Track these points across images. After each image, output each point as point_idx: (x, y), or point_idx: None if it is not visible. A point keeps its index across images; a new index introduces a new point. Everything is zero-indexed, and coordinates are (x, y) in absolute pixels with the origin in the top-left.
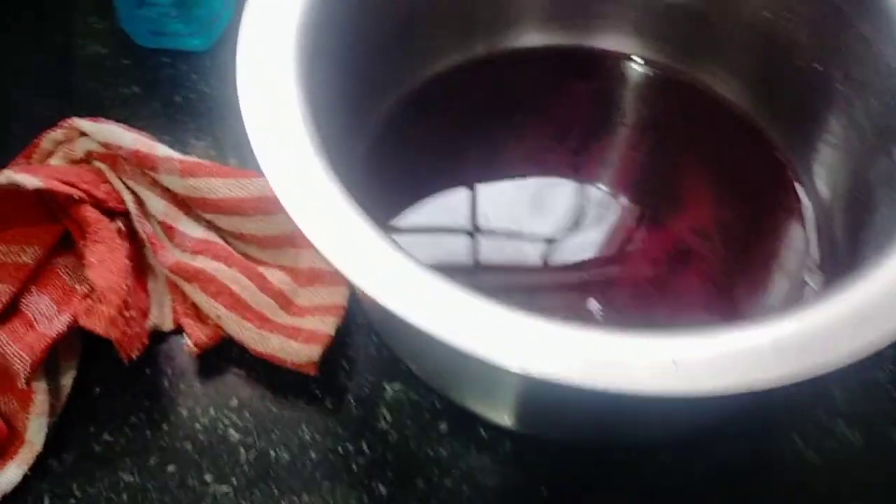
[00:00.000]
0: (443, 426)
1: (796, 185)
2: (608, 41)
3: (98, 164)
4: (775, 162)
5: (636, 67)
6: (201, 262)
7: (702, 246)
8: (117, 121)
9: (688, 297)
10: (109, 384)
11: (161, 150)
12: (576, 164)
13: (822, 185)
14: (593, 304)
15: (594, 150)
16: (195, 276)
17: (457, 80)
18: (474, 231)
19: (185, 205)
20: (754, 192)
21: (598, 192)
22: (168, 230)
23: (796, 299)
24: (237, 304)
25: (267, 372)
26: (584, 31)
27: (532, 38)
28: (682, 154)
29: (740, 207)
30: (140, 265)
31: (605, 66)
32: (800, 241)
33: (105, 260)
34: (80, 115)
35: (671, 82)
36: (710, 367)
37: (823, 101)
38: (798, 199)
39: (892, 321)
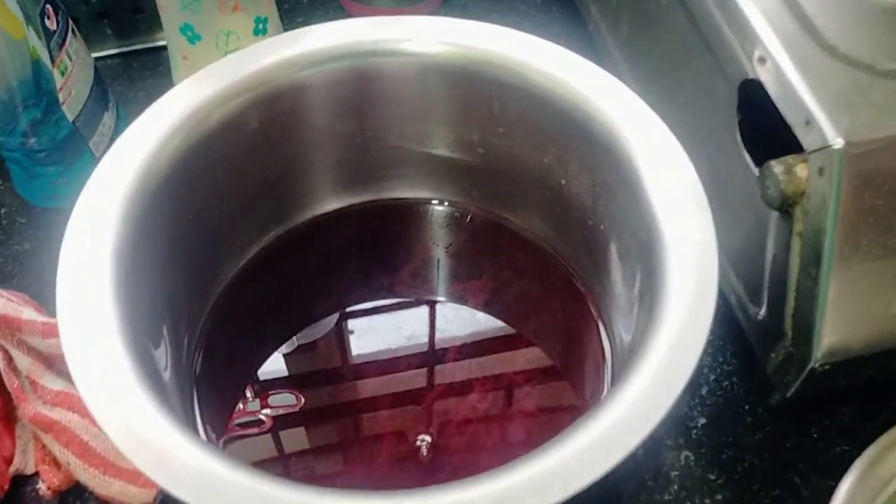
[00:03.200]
0: None
1: (598, 320)
2: (407, 192)
3: None
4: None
5: (439, 208)
6: (58, 414)
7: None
8: (8, 274)
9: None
10: None
11: (26, 313)
12: (406, 293)
13: (620, 327)
14: (424, 439)
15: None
16: (50, 427)
17: (269, 260)
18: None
19: (49, 361)
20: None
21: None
22: (32, 384)
23: None
24: (86, 453)
25: None
26: (379, 189)
27: (332, 203)
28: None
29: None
30: (10, 415)
31: (411, 210)
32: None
33: None
34: None
35: (473, 217)
36: None
37: (606, 255)
38: (598, 333)
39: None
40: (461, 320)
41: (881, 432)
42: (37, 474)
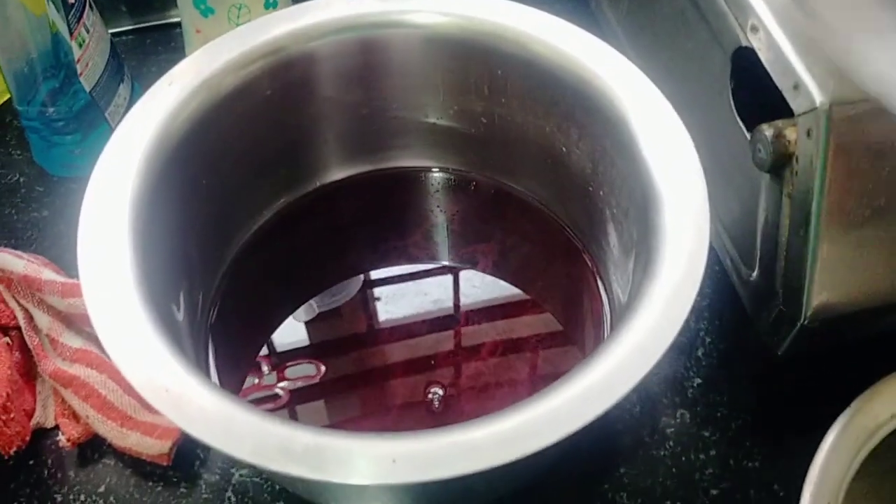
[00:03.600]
0: None
1: (597, 279)
2: (412, 161)
3: None
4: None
5: (438, 175)
6: (77, 370)
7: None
8: (28, 240)
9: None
10: (0, 474)
11: (46, 274)
12: (413, 257)
13: (617, 285)
14: (435, 391)
15: (425, 245)
16: (70, 382)
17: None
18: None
19: (68, 320)
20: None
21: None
22: (52, 342)
23: None
24: (104, 406)
25: (133, 462)
26: (386, 158)
27: (340, 171)
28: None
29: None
30: (31, 371)
31: (417, 179)
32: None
33: None
34: None
35: (474, 183)
36: (422, 462)
37: (604, 218)
38: (598, 291)
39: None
40: (469, 282)
41: None
42: (57, 427)
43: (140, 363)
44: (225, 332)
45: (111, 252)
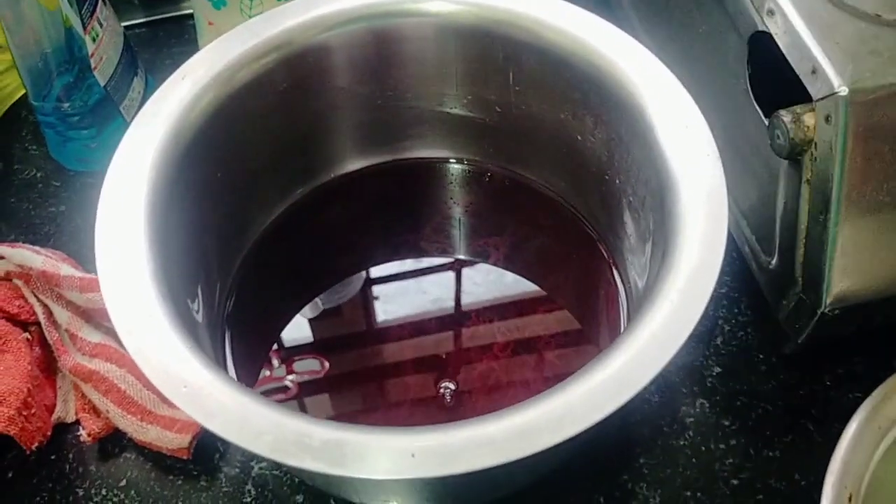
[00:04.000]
0: (299, 498)
1: (613, 269)
2: (426, 152)
3: (16, 281)
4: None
5: (456, 166)
6: (96, 364)
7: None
8: (46, 235)
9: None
10: (23, 469)
11: (64, 269)
12: (428, 250)
13: (634, 274)
14: (448, 385)
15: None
16: (90, 377)
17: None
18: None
19: (87, 314)
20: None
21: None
22: (72, 337)
23: None
24: (124, 401)
25: (153, 456)
26: (400, 149)
27: (355, 163)
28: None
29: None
30: (51, 367)
31: (432, 170)
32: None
33: (10, 367)
34: (16, 232)
35: (489, 174)
36: (441, 456)
37: (620, 208)
38: (614, 282)
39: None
40: (483, 274)
41: None
42: (77, 422)
43: (158, 359)
44: (241, 324)
45: (128, 247)
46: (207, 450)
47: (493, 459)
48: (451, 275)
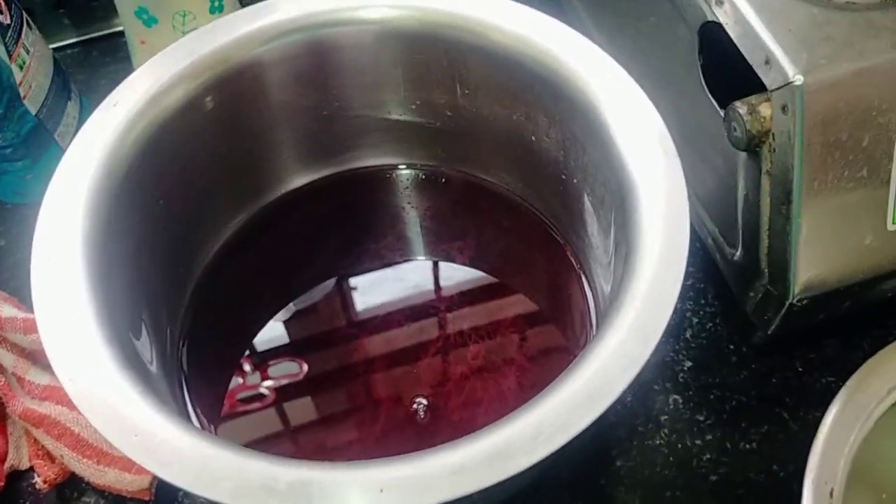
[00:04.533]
0: None
1: (579, 269)
2: (377, 160)
3: None
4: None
5: (410, 172)
6: (47, 408)
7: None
8: None
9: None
10: None
11: (6, 310)
12: (390, 257)
13: (599, 274)
14: (420, 401)
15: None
16: (41, 421)
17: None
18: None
19: (33, 356)
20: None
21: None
22: (19, 380)
23: None
24: (78, 444)
25: (114, 499)
26: (350, 159)
27: (303, 177)
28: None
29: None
30: (1, 413)
31: (385, 178)
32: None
33: None
34: None
35: (444, 178)
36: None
37: (581, 208)
38: (580, 282)
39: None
40: (447, 281)
41: (864, 362)
42: (32, 469)
43: (105, 405)
44: (199, 357)
45: (67, 285)
46: (170, 489)
47: (465, 488)
48: (415, 279)
